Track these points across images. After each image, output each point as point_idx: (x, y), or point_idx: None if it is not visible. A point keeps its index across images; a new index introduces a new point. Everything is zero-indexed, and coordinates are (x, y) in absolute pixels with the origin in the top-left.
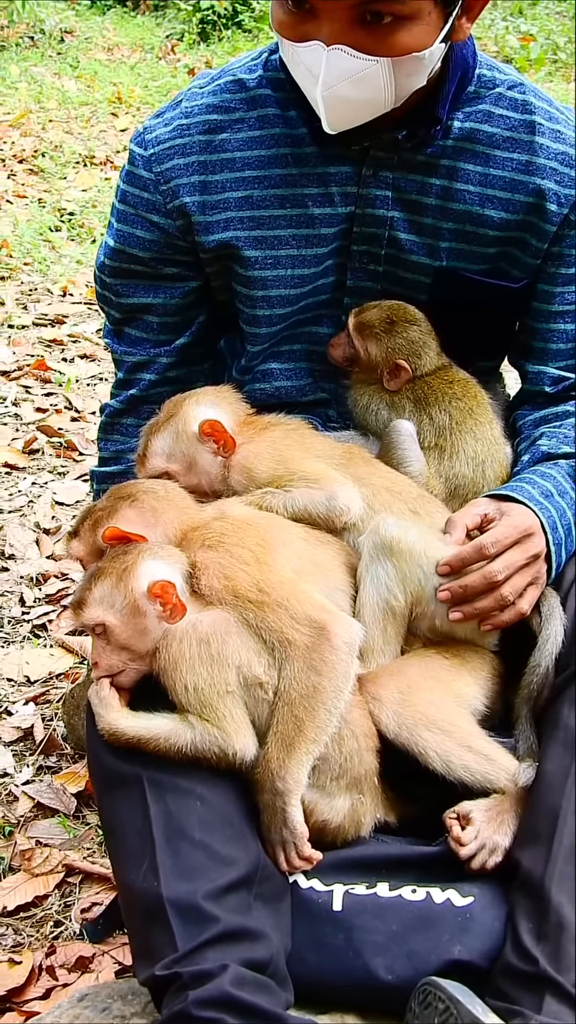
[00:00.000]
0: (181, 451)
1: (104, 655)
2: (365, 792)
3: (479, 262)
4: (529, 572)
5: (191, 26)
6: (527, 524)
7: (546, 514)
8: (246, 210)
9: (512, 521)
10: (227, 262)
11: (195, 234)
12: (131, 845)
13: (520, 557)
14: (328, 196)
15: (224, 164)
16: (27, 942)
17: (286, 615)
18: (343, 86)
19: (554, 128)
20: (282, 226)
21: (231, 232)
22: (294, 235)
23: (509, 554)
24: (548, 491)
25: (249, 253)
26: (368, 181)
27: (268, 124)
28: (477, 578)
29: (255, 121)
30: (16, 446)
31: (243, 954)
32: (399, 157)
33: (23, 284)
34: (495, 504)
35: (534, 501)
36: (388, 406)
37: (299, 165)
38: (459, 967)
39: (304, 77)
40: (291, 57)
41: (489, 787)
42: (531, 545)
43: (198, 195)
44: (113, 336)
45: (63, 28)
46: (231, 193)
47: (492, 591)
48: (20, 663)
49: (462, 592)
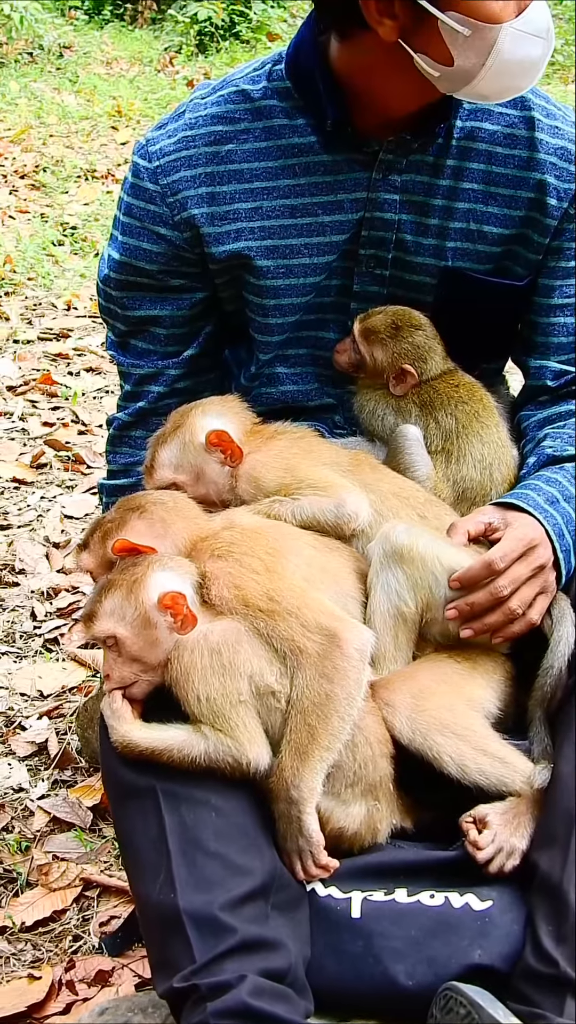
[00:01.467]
0: (188, 462)
1: (116, 667)
2: (380, 798)
3: (485, 261)
4: (536, 583)
5: (189, 38)
6: (531, 535)
7: (551, 521)
8: (256, 220)
9: (516, 533)
10: (238, 272)
11: (204, 245)
12: (147, 857)
13: (525, 570)
14: (338, 203)
15: (231, 175)
16: (46, 957)
17: (297, 623)
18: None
19: (552, 124)
20: (293, 235)
21: (242, 243)
22: (306, 244)
23: (514, 568)
24: (553, 497)
25: (261, 263)
26: (377, 185)
27: (274, 135)
28: (483, 595)
29: (261, 132)
30: (24, 461)
31: (261, 964)
32: (407, 160)
33: (27, 299)
34: (500, 513)
35: (539, 509)
36: (394, 411)
37: (308, 174)
38: (479, 971)
39: (529, 49)
40: (513, 41)
41: (505, 790)
42: (536, 557)
43: (206, 206)
44: (119, 348)
45: (61, 43)
46: (240, 204)
47: (499, 606)
48: (33, 678)
49: (469, 609)
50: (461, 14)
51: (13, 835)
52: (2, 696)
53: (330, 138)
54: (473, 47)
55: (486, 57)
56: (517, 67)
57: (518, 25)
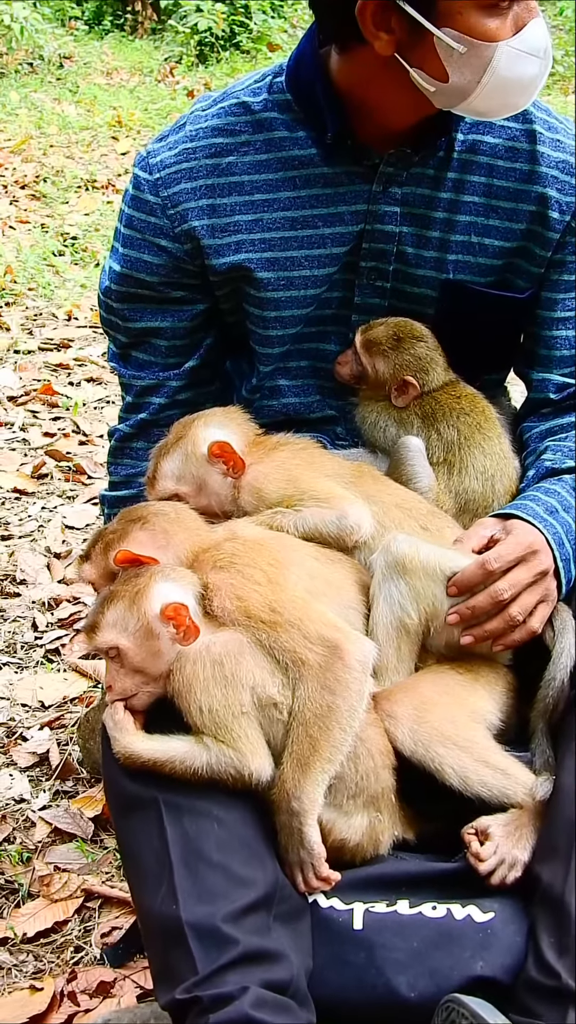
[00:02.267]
0: (191, 473)
1: (118, 678)
2: (382, 810)
3: (486, 274)
4: (537, 590)
5: (189, 48)
6: (530, 541)
7: (551, 530)
8: (257, 232)
9: (516, 539)
10: (239, 284)
11: (204, 257)
12: (149, 868)
13: (526, 575)
14: (338, 215)
15: (232, 187)
16: (48, 968)
17: (299, 635)
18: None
19: (553, 137)
20: (294, 247)
21: (243, 255)
22: (306, 256)
23: (514, 573)
24: (552, 507)
25: (262, 275)
26: (378, 197)
27: (275, 147)
28: (484, 598)
29: (262, 144)
30: (25, 471)
31: (263, 976)
32: (408, 172)
33: (28, 309)
34: (500, 524)
35: (538, 518)
36: (396, 423)
37: (308, 186)
38: (481, 983)
39: (525, 68)
40: (510, 60)
41: (507, 802)
42: (537, 563)
43: (207, 219)
44: (120, 360)
45: (62, 54)
46: (241, 216)
47: (500, 611)
48: (34, 688)
49: (470, 614)
50: (457, 31)
51: (14, 846)
52: (3, 707)
53: (330, 150)
54: (469, 64)
55: (482, 74)
56: (514, 85)
57: (515, 44)
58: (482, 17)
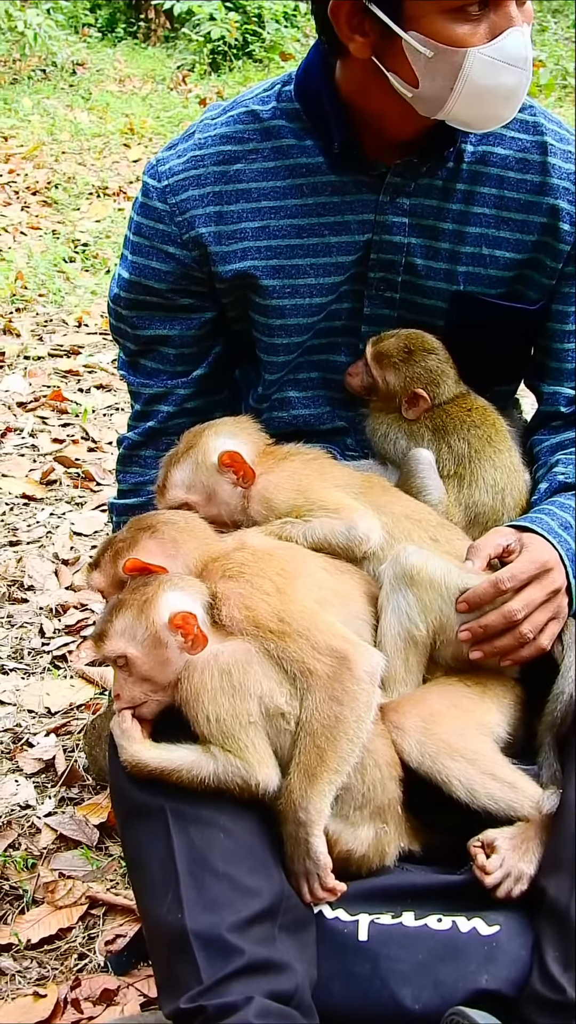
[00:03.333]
0: (201, 482)
1: (126, 687)
2: (389, 821)
3: (496, 286)
4: (549, 608)
5: (202, 56)
6: (545, 558)
7: (565, 546)
8: (263, 240)
9: (531, 556)
10: (244, 292)
11: (211, 264)
12: (155, 877)
13: (540, 594)
14: (345, 224)
15: (239, 195)
16: (52, 975)
17: (307, 645)
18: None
19: (565, 148)
20: (300, 255)
21: (248, 262)
22: (312, 264)
23: (528, 591)
24: (567, 523)
25: (267, 282)
26: (385, 208)
27: (283, 155)
28: (496, 617)
29: (270, 152)
30: (34, 477)
31: (268, 986)
32: (416, 183)
33: (38, 315)
34: (516, 535)
35: (553, 533)
36: (407, 435)
37: (315, 195)
38: (486, 996)
39: (501, 77)
40: (483, 67)
41: (513, 815)
42: (550, 581)
43: (214, 225)
44: (129, 368)
45: (75, 60)
46: (247, 223)
47: (512, 629)
48: (41, 694)
49: (482, 631)
50: (423, 35)
51: (20, 852)
52: (10, 713)
53: (337, 159)
54: (439, 70)
55: (454, 81)
56: (491, 95)
57: (487, 51)
58: (448, 22)
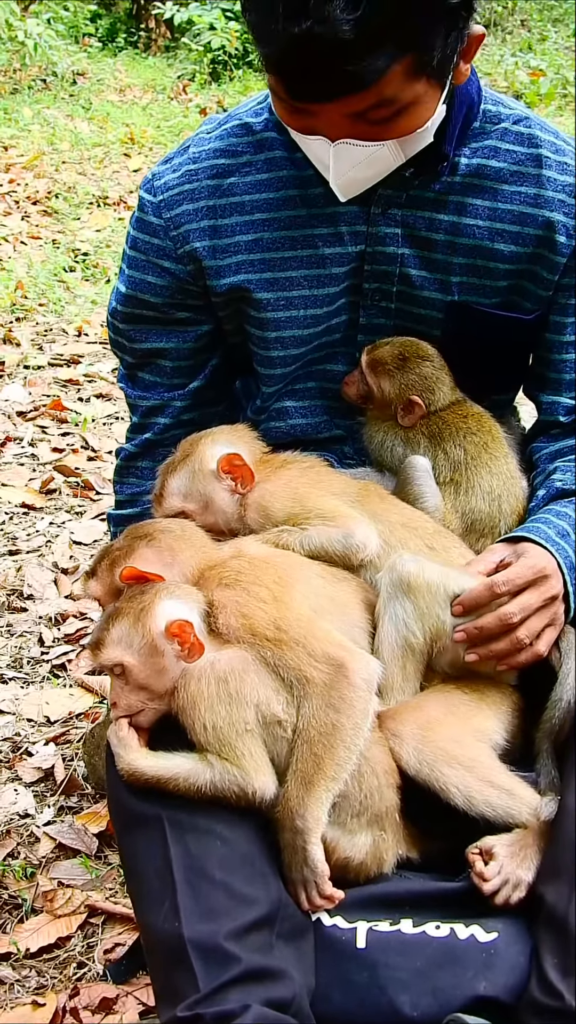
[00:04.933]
0: (198, 490)
1: (123, 695)
2: (387, 829)
3: (491, 296)
4: (546, 614)
5: (202, 66)
6: (542, 565)
7: (563, 554)
8: (256, 253)
9: (527, 562)
10: (239, 305)
11: (206, 278)
12: (152, 886)
13: (536, 600)
14: (338, 235)
15: (233, 208)
16: (50, 984)
17: (304, 653)
18: (354, 171)
19: (561, 160)
20: (293, 267)
21: (242, 275)
22: (306, 276)
23: (524, 596)
24: (564, 530)
25: (261, 295)
26: (377, 219)
27: (276, 167)
28: (492, 620)
29: (263, 164)
30: (33, 486)
31: (265, 994)
32: (407, 195)
33: (38, 324)
34: (511, 547)
35: (550, 541)
36: (403, 442)
37: (308, 206)
38: (484, 1003)
39: (314, 159)
40: (300, 141)
41: (511, 822)
42: (547, 587)
43: (208, 239)
44: (127, 380)
45: (75, 70)
46: (241, 236)
47: (507, 633)
48: (40, 703)
49: (477, 633)
50: None
51: (19, 861)
52: (9, 721)
53: None
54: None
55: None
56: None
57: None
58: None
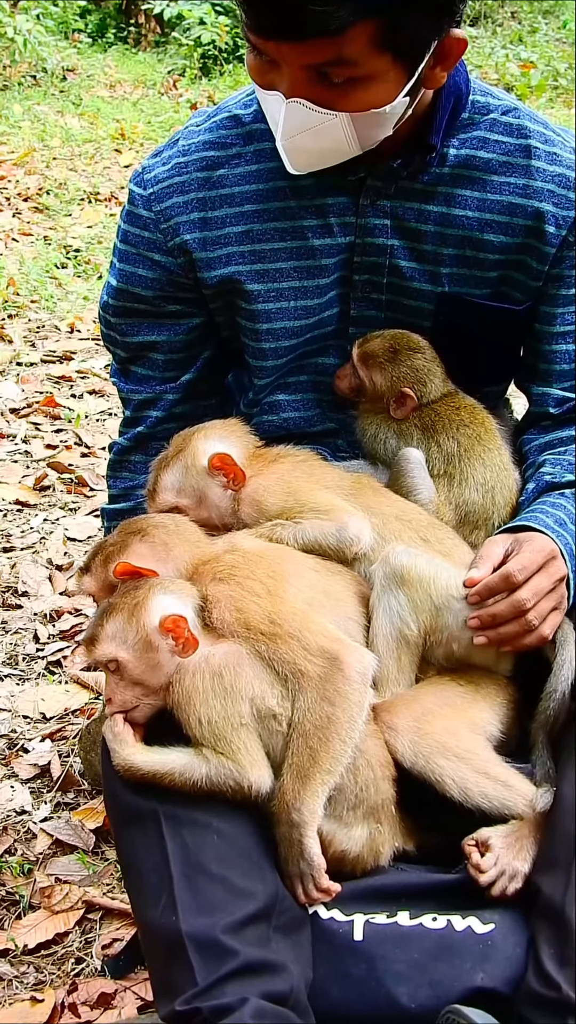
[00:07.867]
0: (191, 485)
1: (118, 691)
2: (383, 821)
3: (481, 286)
4: (554, 597)
5: (192, 61)
6: (549, 548)
7: (563, 540)
8: (246, 244)
9: (535, 546)
10: (230, 297)
11: (197, 271)
12: (149, 880)
13: (547, 582)
14: (327, 227)
15: (223, 200)
16: (49, 980)
17: (299, 646)
18: (302, 137)
19: (550, 150)
20: (283, 259)
21: (233, 267)
22: (295, 267)
23: (536, 580)
24: (561, 520)
25: (251, 287)
26: (366, 210)
27: (265, 158)
28: (506, 606)
29: (252, 156)
30: (27, 483)
31: (263, 987)
32: (396, 186)
33: (31, 321)
34: (511, 537)
35: (550, 528)
36: (396, 435)
37: (297, 197)
38: (482, 994)
39: (270, 122)
40: (261, 100)
41: (507, 813)
42: (556, 569)
43: (198, 232)
44: (120, 374)
45: (65, 66)
46: (231, 228)
47: (519, 617)
48: (35, 700)
49: (491, 620)
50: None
51: (16, 857)
52: (5, 718)
53: None
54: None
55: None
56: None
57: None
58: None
